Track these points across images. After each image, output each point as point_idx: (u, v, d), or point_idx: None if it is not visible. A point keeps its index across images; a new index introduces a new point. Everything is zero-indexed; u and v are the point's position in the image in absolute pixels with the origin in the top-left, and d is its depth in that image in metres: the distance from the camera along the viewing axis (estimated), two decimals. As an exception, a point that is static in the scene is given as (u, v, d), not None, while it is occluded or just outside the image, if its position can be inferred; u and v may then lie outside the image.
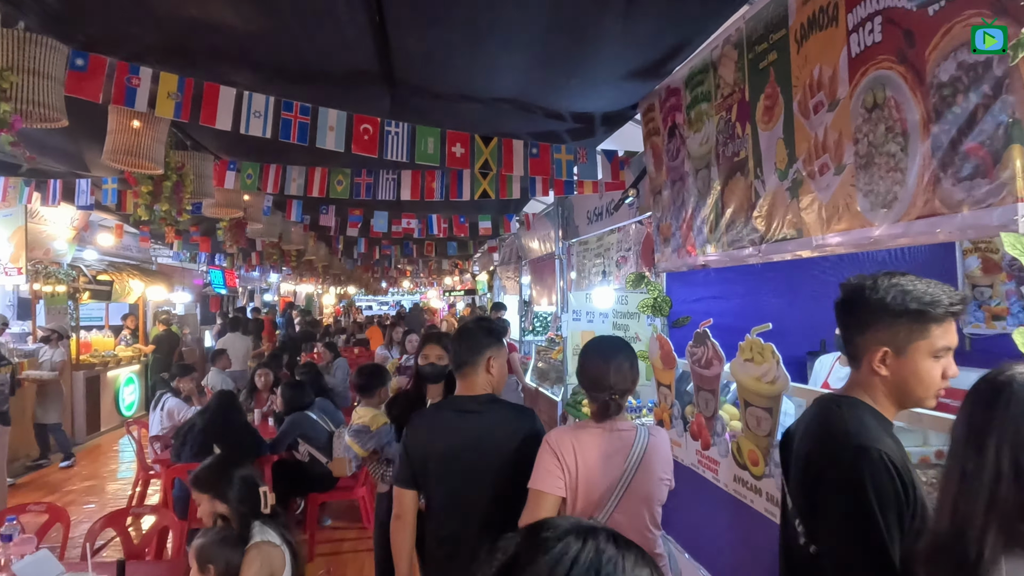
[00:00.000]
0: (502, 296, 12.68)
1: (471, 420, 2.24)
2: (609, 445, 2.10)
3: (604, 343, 2.31)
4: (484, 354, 2.30)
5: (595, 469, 2.07)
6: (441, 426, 2.27)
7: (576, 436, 2.12)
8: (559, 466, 2.05)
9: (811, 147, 2.65)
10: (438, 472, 2.23)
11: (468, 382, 2.31)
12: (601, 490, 2.07)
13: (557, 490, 2.05)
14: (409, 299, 42.04)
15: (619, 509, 2.06)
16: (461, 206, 8.05)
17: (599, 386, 2.13)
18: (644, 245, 5.58)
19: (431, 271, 18.97)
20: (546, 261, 8.71)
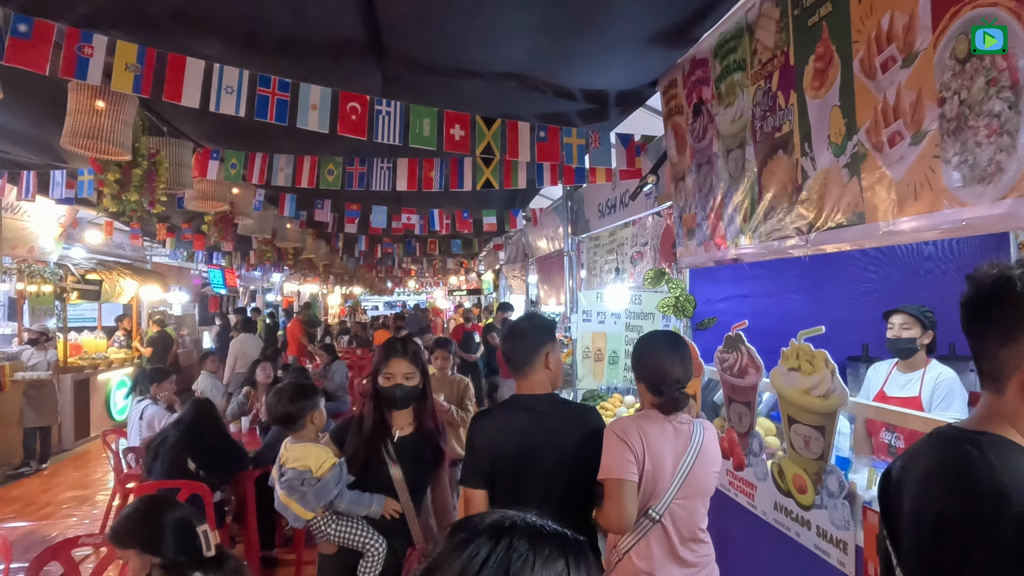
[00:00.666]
0: (508, 296, 12.24)
1: (540, 419, 2.22)
2: (672, 436, 2.15)
3: (663, 337, 2.36)
4: (542, 351, 2.27)
5: (660, 458, 2.10)
6: (510, 426, 2.23)
7: (641, 425, 2.14)
8: (630, 451, 2.07)
9: (878, 113, 2.19)
10: (506, 472, 2.19)
11: (529, 381, 2.28)
12: (664, 480, 2.10)
13: (633, 476, 2.07)
14: (415, 299, 41.72)
15: (677, 499, 2.11)
16: (463, 199, 7.61)
17: (666, 380, 2.17)
18: (663, 238, 5.12)
19: (435, 270, 18.53)
20: (554, 259, 8.26)
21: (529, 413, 2.23)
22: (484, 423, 2.30)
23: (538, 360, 2.26)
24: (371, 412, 2.60)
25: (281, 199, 7.17)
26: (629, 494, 2.06)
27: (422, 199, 7.53)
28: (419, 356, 2.67)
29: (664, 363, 2.18)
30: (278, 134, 4.95)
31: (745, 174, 3.10)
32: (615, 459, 2.09)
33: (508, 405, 2.33)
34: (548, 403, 2.26)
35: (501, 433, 2.23)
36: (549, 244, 8.09)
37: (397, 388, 2.56)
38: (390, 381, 2.57)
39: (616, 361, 6.96)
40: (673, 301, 3.93)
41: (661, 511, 2.10)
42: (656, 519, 2.11)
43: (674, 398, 2.16)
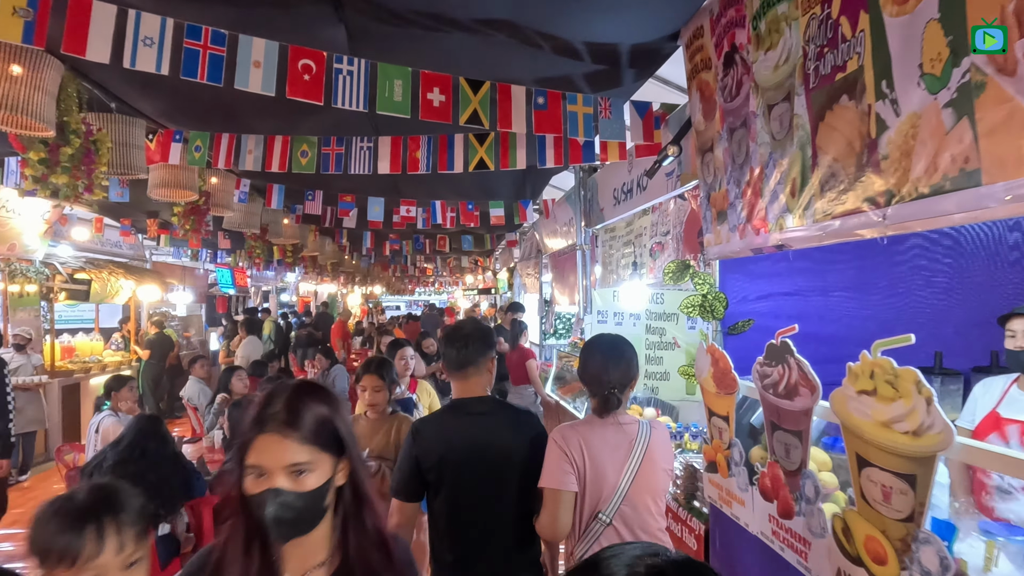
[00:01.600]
0: (522, 296, 11.56)
1: (483, 422, 2.20)
2: (614, 438, 2.15)
3: (604, 339, 2.34)
4: (488, 355, 2.28)
5: (602, 463, 2.10)
6: (454, 431, 2.20)
7: (581, 431, 2.15)
8: (569, 461, 2.08)
9: (1007, 15, 1.47)
10: (452, 478, 2.15)
11: (470, 383, 2.27)
12: (609, 483, 2.10)
13: (571, 485, 2.07)
14: (437, 299, 41.27)
15: (626, 501, 2.11)
16: (467, 190, 6.96)
17: (599, 381, 2.19)
18: (688, 225, 4.40)
19: (451, 269, 17.92)
20: (567, 254, 7.56)
21: (474, 417, 2.20)
22: (426, 429, 2.24)
23: (483, 363, 2.25)
24: (237, 545, 1.24)
25: (268, 190, 6.59)
26: (564, 504, 2.07)
27: (422, 189, 6.89)
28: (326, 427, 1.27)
29: (599, 366, 2.19)
30: (248, 111, 4.36)
31: (793, 135, 2.39)
32: (553, 468, 2.09)
33: (451, 410, 2.28)
34: (491, 406, 2.26)
35: (447, 439, 2.17)
36: (562, 238, 7.40)
37: (270, 498, 1.19)
38: (260, 480, 1.20)
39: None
40: (699, 300, 3.21)
41: (611, 513, 2.10)
42: (607, 522, 2.10)
43: (604, 398, 2.18)
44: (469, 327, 2.34)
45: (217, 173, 5.91)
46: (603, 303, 5.94)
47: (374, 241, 10.53)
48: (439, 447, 2.17)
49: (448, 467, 2.15)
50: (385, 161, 4.31)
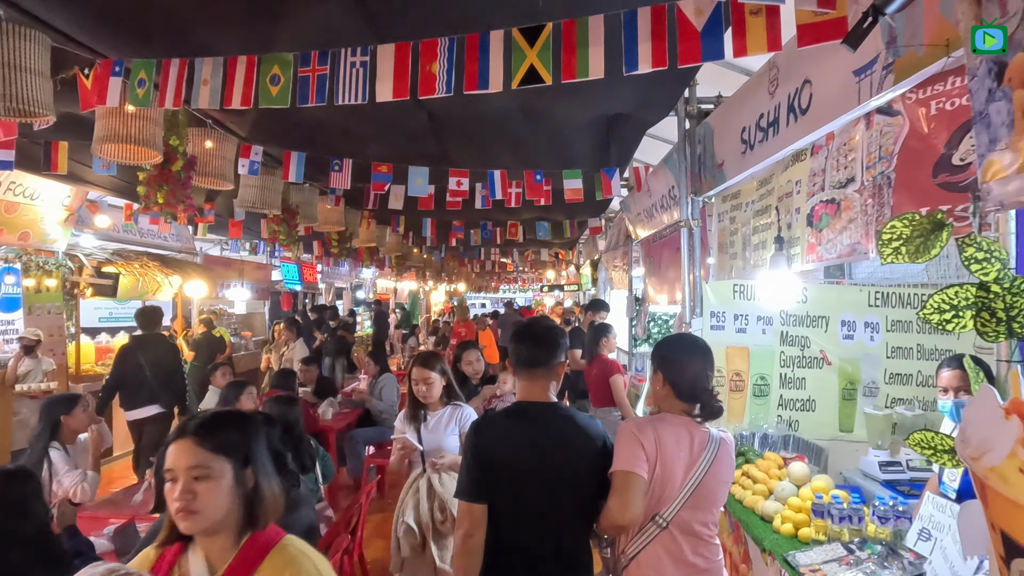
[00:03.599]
0: (607, 293, 9.84)
1: (548, 429, 2.14)
2: (686, 440, 2.11)
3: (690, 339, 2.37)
4: (560, 358, 2.22)
5: (672, 462, 2.07)
6: (517, 435, 2.14)
7: (656, 426, 2.11)
8: (642, 450, 2.05)
9: None
10: (510, 484, 2.09)
11: (536, 385, 2.19)
12: (675, 483, 2.07)
13: (644, 471, 2.03)
14: (522, 297, 39.91)
15: (687, 504, 2.07)
16: (529, 154, 5.40)
17: (701, 386, 2.17)
18: (905, 157, 2.49)
19: (531, 264, 16.40)
20: (666, 238, 5.83)
21: (536, 423, 2.15)
22: (486, 431, 2.17)
23: (553, 365, 2.19)
24: None
25: (285, 160, 5.28)
26: (637, 489, 2.02)
27: (471, 151, 5.39)
28: None
29: (700, 368, 2.18)
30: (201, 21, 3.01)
31: None
32: (627, 453, 2.05)
33: (513, 413, 2.21)
34: (555, 412, 2.18)
35: (507, 443, 2.12)
36: (660, 217, 5.68)
37: None
38: None
39: (765, 392, 4.48)
40: (969, 296, 1.49)
41: (669, 517, 2.07)
42: (664, 525, 2.07)
43: (712, 408, 2.17)
44: (542, 325, 2.28)
45: (211, 134, 4.64)
46: (720, 301, 4.22)
47: (435, 229, 9.15)
48: (498, 450, 2.10)
49: (505, 473, 2.08)
50: (386, 83, 2.80)
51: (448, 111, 4.42)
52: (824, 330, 4.34)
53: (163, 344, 6.38)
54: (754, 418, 4.39)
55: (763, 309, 4.30)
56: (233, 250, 11.55)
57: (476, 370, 4.83)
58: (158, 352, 6.17)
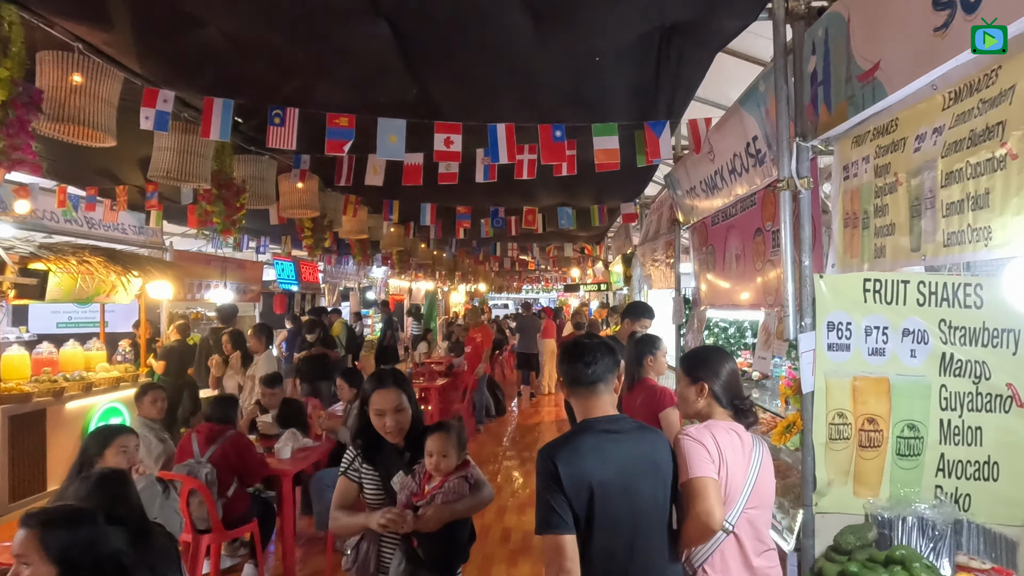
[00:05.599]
0: (643, 294, 8.23)
1: (631, 443, 2.08)
2: (738, 443, 2.17)
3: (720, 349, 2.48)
4: (615, 372, 2.18)
5: (733, 463, 2.11)
6: (606, 453, 2.04)
7: (712, 432, 2.14)
8: (708, 455, 2.07)
9: None
10: (607, 507, 1.98)
11: (600, 400, 2.13)
12: (737, 485, 2.10)
13: (716, 474, 2.06)
14: (546, 297, 38.29)
15: (749, 505, 2.12)
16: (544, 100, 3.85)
17: (741, 394, 2.31)
18: None
19: (554, 261, 14.80)
20: (737, 217, 4.22)
21: (616, 435, 2.07)
22: (568, 453, 2.02)
23: (612, 380, 2.15)
24: None
25: (205, 109, 3.80)
26: (717, 492, 2.03)
27: (466, 93, 3.87)
28: None
29: (735, 375, 2.28)
30: None
31: None
32: (698, 460, 2.06)
33: (589, 430, 2.09)
34: (628, 424, 2.14)
35: (597, 462, 2.00)
36: (727, 184, 4.07)
37: None
38: None
39: (916, 450, 2.87)
40: None
41: (734, 520, 2.07)
42: (730, 530, 2.07)
43: (748, 412, 2.29)
44: (593, 340, 2.21)
45: (80, 64, 3.17)
46: (841, 304, 2.62)
47: (437, 216, 7.62)
48: (587, 473, 1.97)
49: (601, 495, 1.97)
50: None
51: (420, 15, 2.90)
52: (1013, 351, 2.73)
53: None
54: (898, 489, 2.80)
55: (916, 319, 2.69)
56: (215, 245, 10.18)
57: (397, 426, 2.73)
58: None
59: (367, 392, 2.62)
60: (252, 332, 6.63)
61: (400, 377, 2.71)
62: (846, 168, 2.70)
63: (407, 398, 2.65)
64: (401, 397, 2.62)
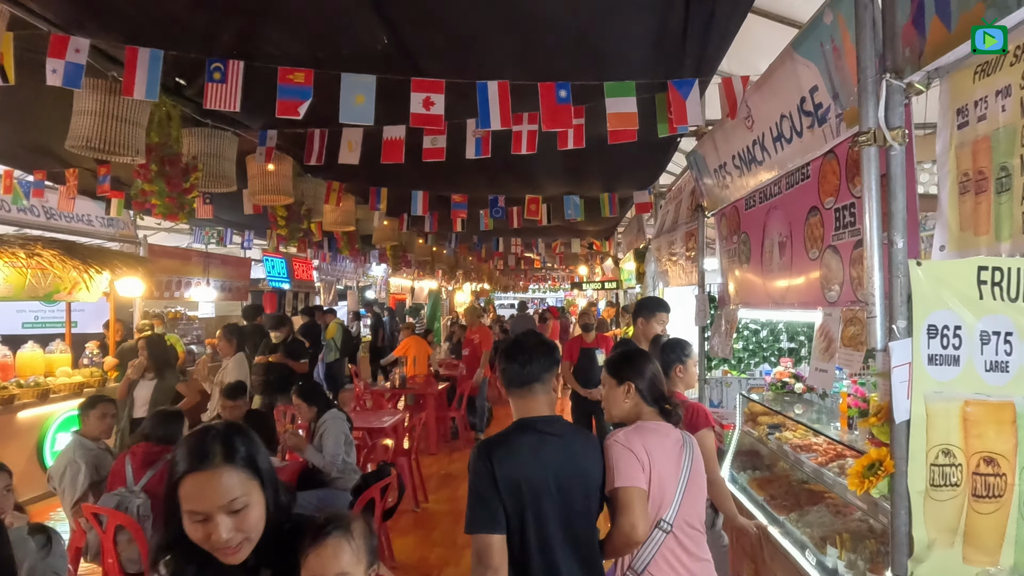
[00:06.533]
0: (659, 291, 7.47)
1: (555, 443, 2.04)
2: (668, 442, 2.15)
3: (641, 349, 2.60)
4: (553, 371, 2.14)
5: (664, 464, 2.09)
6: (537, 452, 2.00)
7: (641, 435, 2.12)
8: (637, 461, 2.05)
9: None
10: (536, 507, 1.95)
11: (536, 400, 2.10)
12: (670, 485, 2.09)
13: (644, 484, 2.03)
14: (553, 297, 37.49)
15: (684, 503, 2.09)
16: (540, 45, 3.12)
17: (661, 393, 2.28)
18: None
19: (559, 257, 14.04)
20: (780, 196, 3.46)
21: (552, 437, 2.04)
22: (504, 452, 2.00)
23: (549, 379, 2.12)
24: None
25: (128, 61, 3.09)
26: (642, 503, 2.02)
27: (448, 42, 3.15)
28: None
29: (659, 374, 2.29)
30: None
31: None
32: (625, 468, 2.04)
33: (526, 430, 2.07)
34: (561, 425, 2.11)
35: (532, 463, 1.98)
36: (769, 154, 3.32)
37: None
38: None
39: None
40: None
41: (671, 519, 2.07)
42: (668, 529, 2.07)
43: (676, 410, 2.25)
44: (532, 340, 2.18)
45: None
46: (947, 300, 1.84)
47: (430, 206, 6.89)
48: (518, 470, 1.95)
49: (530, 495, 1.94)
50: None
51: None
52: None
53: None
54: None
55: (1058, 321, 1.95)
56: (197, 239, 9.51)
57: (235, 537, 1.46)
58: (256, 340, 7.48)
59: (174, 474, 1.37)
60: (221, 333, 5.90)
61: (239, 439, 1.42)
62: (961, 111, 1.95)
63: (258, 479, 1.41)
64: (238, 483, 1.37)
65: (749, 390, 4.81)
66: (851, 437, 3.02)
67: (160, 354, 5.57)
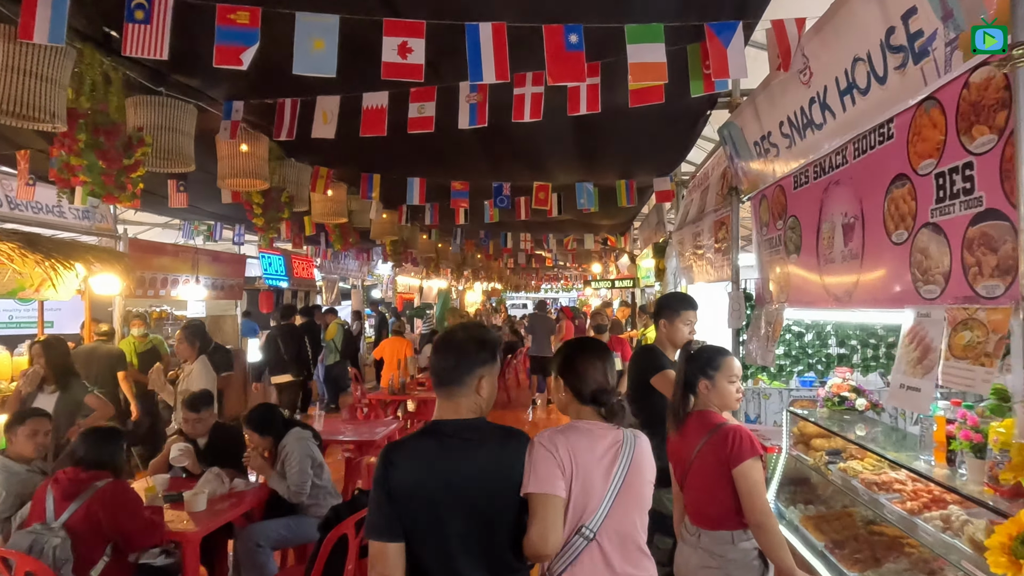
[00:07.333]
0: (682, 287, 6.77)
1: (458, 448, 1.88)
2: (600, 444, 1.97)
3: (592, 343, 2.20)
4: (476, 372, 1.93)
5: (589, 470, 1.92)
6: (436, 458, 1.87)
7: (567, 435, 1.97)
8: (557, 465, 1.89)
9: None
10: (431, 515, 1.83)
11: (454, 403, 1.94)
12: (596, 493, 1.92)
13: (560, 490, 1.87)
14: (566, 297, 36.70)
15: (612, 513, 1.92)
16: None
17: (603, 388, 2.06)
18: None
19: (572, 254, 13.33)
20: (854, 163, 2.78)
21: (457, 442, 1.90)
22: (404, 456, 1.89)
23: (470, 381, 1.93)
24: None
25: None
26: (556, 511, 1.86)
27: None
28: None
29: (598, 371, 2.06)
30: None
31: None
32: (542, 471, 1.87)
33: (428, 433, 1.95)
34: (477, 430, 1.94)
35: (424, 467, 1.87)
36: (832, 115, 2.64)
37: None
38: None
39: None
40: None
41: (595, 527, 1.90)
42: (590, 537, 1.90)
43: (612, 409, 2.02)
44: (461, 335, 2.00)
45: None
46: None
47: (429, 198, 6.26)
48: (411, 476, 1.85)
49: (424, 502, 1.83)
50: None
51: None
52: None
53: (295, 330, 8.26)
54: None
55: None
56: (185, 234, 8.94)
57: None
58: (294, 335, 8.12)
59: None
60: (181, 333, 5.23)
61: None
62: None
63: None
64: None
65: (792, 403, 4.12)
66: (945, 473, 2.33)
67: (60, 361, 4.83)
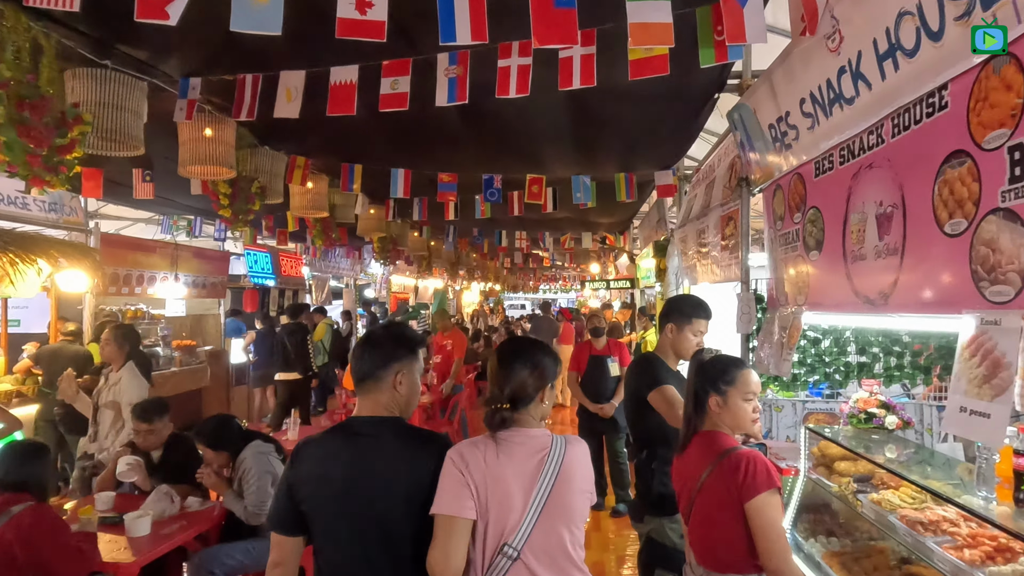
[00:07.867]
0: (684, 288, 6.38)
1: (363, 445, 1.84)
2: (521, 455, 1.81)
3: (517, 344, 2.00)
4: (392, 367, 1.89)
5: (507, 484, 1.77)
6: (338, 453, 1.85)
7: (483, 448, 1.84)
8: (465, 484, 1.76)
9: None
10: (329, 511, 1.80)
11: (370, 400, 1.90)
12: (516, 509, 1.77)
13: (467, 511, 1.75)
14: (564, 298, 36.30)
15: (539, 526, 1.76)
16: None
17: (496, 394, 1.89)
18: None
19: (569, 254, 12.92)
20: (892, 142, 2.39)
21: (363, 439, 1.85)
22: (304, 452, 1.89)
23: (386, 376, 1.88)
24: None
25: None
26: (458, 534, 1.74)
27: None
28: None
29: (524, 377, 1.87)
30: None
31: None
32: (447, 491, 1.76)
33: (338, 428, 1.93)
34: (389, 427, 1.88)
35: (325, 462, 1.84)
36: (868, 87, 2.26)
37: None
38: None
39: None
40: None
41: (519, 545, 1.75)
42: (515, 556, 1.74)
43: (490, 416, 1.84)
44: (380, 332, 2.00)
45: None
46: None
47: (415, 191, 5.86)
48: (313, 473, 1.83)
49: (322, 498, 1.81)
50: None
51: None
52: None
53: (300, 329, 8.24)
54: None
55: None
56: (164, 229, 8.54)
57: None
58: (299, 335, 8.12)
59: None
60: (108, 334, 4.56)
61: None
62: None
63: None
64: None
65: (807, 416, 3.72)
66: (1008, 513, 1.93)
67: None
